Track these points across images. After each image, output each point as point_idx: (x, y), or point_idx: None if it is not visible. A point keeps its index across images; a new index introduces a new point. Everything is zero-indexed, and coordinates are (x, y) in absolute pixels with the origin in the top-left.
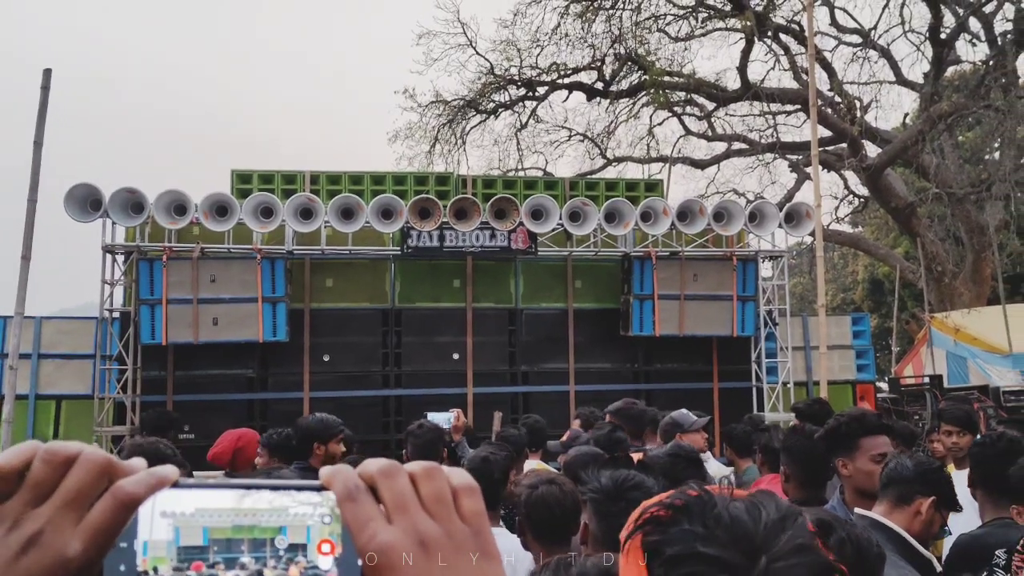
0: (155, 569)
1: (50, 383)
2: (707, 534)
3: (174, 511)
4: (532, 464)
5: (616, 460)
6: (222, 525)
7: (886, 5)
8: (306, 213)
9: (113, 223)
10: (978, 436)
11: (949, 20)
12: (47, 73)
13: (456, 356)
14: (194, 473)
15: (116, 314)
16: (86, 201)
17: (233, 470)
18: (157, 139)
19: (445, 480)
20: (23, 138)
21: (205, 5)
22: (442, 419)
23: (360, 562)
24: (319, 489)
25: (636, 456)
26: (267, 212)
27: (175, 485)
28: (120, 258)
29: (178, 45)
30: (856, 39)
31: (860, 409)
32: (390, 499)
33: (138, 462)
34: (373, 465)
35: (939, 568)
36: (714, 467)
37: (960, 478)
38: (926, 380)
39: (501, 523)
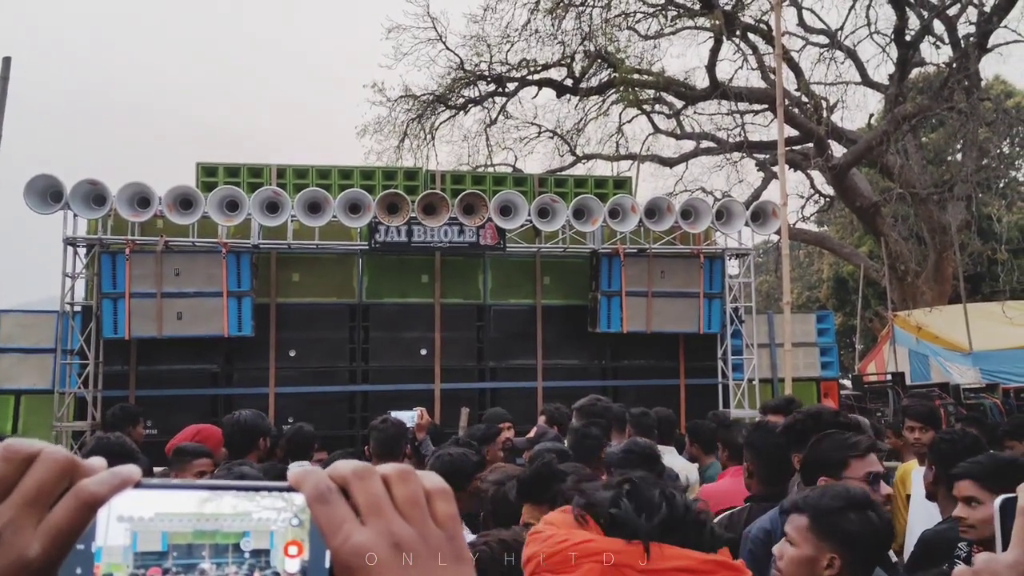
0: (109, 575)
1: (9, 377)
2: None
3: (132, 515)
4: None
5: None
6: (183, 530)
7: (852, 6)
8: (272, 207)
9: (75, 215)
10: (939, 433)
11: (914, 22)
12: (6, 62)
13: (424, 352)
14: (154, 469)
15: (78, 308)
16: (46, 193)
17: None
18: (119, 130)
19: (419, 483)
20: None
21: None
22: (406, 417)
23: (328, 564)
24: (287, 490)
25: None
26: (233, 205)
27: (137, 485)
28: (82, 251)
29: (141, 32)
30: (823, 40)
31: (818, 406)
32: (364, 501)
33: (99, 461)
34: (345, 467)
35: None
36: (679, 463)
37: (921, 474)
38: (889, 377)
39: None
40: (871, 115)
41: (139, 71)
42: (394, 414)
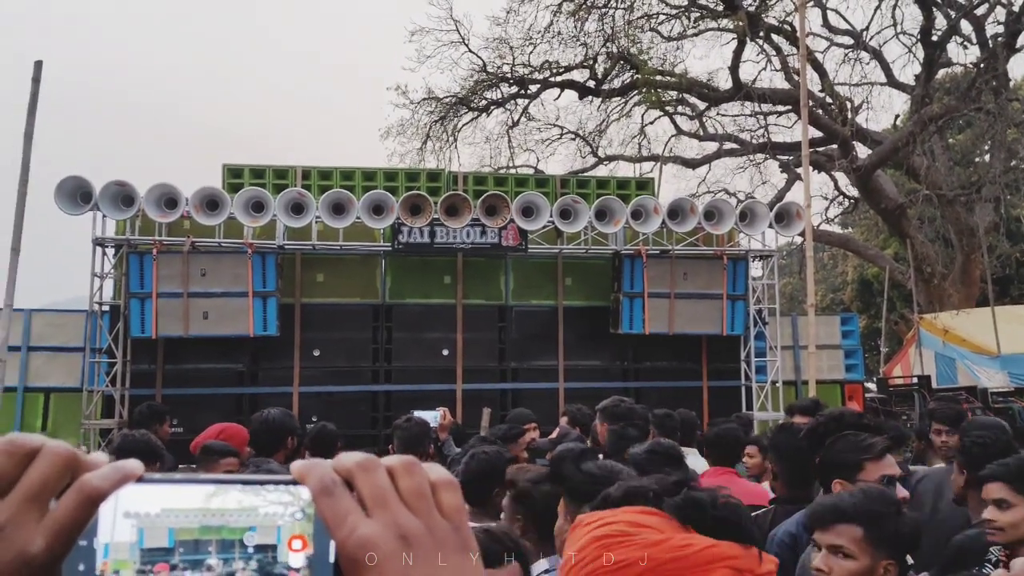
0: (116, 572)
1: (39, 376)
2: None
3: (138, 511)
4: None
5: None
6: (189, 525)
7: (878, 7)
8: (297, 208)
9: (103, 216)
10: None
11: (941, 22)
12: (38, 65)
13: (446, 352)
14: (179, 467)
15: (106, 307)
16: (76, 193)
17: None
18: (148, 131)
19: (424, 475)
20: (14, 129)
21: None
22: (429, 417)
23: (333, 558)
24: (291, 484)
25: None
26: (258, 207)
27: (140, 480)
28: (110, 251)
29: (169, 38)
30: (848, 40)
31: (840, 409)
32: (369, 493)
33: (101, 456)
34: (350, 459)
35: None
36: (701, 465)
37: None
38: (915, 380)
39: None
40: (897, 116)
41: (167, 74)
42: (417, 414)
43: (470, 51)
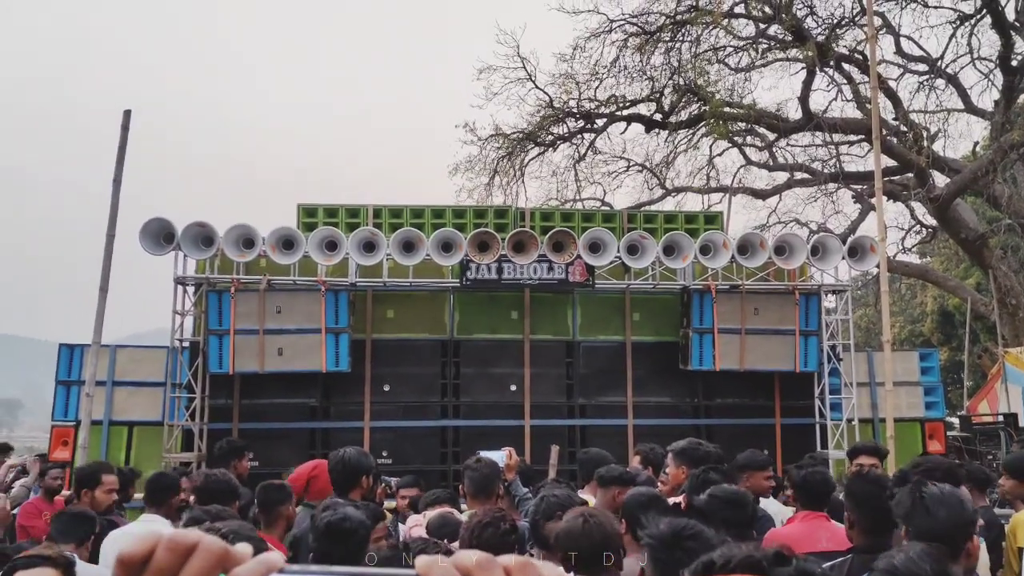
0: None
1: (123, 410)
2: None
3: None
4: (587, 496)
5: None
6: None
7: (953, 34)
8: (369, 246)
9: (184, 256)
10: None
11: (1021, 47)
12: (127, 114)
13: (513, 388)
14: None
15: (186, 343)
16: (159, 235)
17: (305, 498)
18: (225, 174)
19: (538, 574)
20: (104, 172)
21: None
22: (496, 457)
23: None
24: None
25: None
26: (331, 245)
27: (281, 571)
28: (191, 289)
29: (248, 85)
30: (922, 67)
31: (936, 459)
32: None
33: (247, 548)
34: (468, 558)
35: None
36: (773, 507)
37: None
38: (1000, 418)
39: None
40: (976, 143)
41: (244, 121)
42: (483, 454)
43: (537, 87)
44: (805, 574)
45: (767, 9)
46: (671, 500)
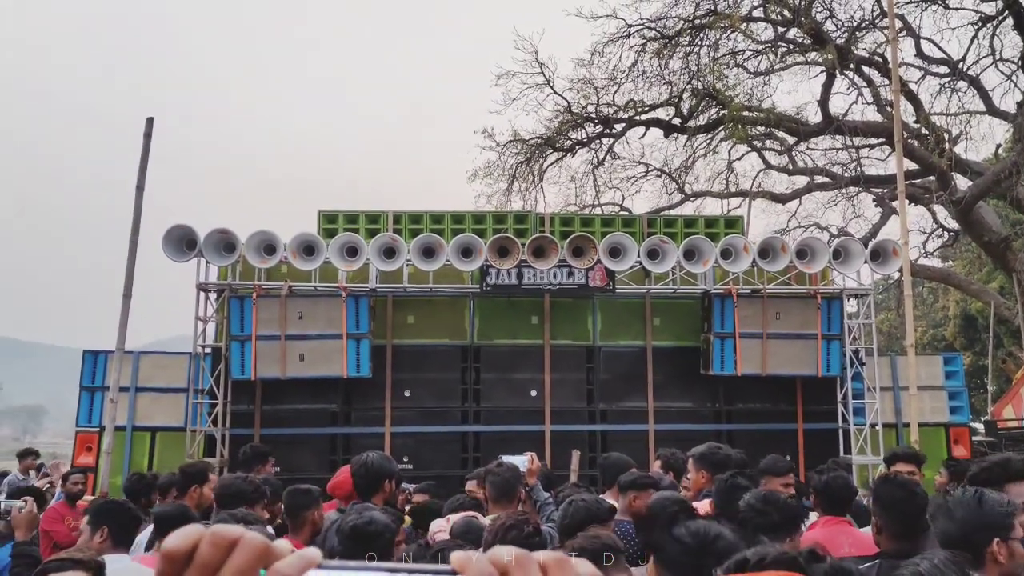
0: None
1: (146, 415)
2: None
3: None
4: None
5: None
6: None
7: (975, 36)
8: (389, 252)
9: (207, 262)
10: None
11: None
12: (149, 122)
13: (534, 393)
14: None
15: (208, 349)
16: (182, 241)
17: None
18: (245, 179)
19: (574, 571)
20: (127, 175)
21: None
22: (517, 462)
23: None
24: (453, 574)
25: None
26: (352, 251)
27: (320, 566)
28: (212, 296)
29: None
30: (944, 69)
31: (1005, 455)
32: None
33: (287, 544)
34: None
35: None
36: None
37: None
38: None
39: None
40: (998, 145)
41: (266, 129)
42: (504, 459)
43: (555, 92)
44: (841, 571)
45: (786, 13)
46: (695, 504)
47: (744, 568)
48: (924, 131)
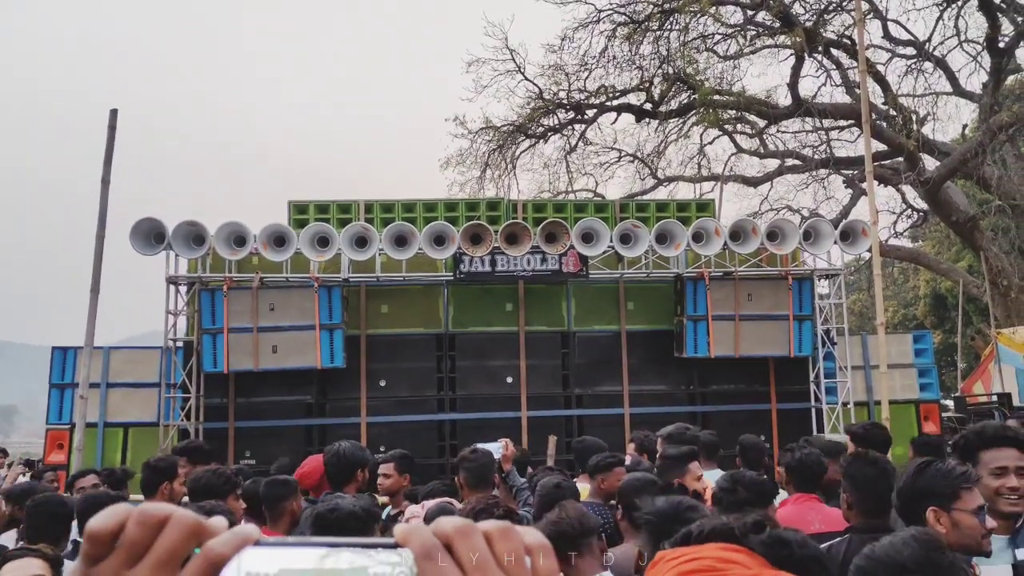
0: None
1: (118, 411)
2: None
3: (258, 572)
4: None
5: (669, 488)
6: None
7: (940, 16)
8: (361, 241)
9: (176, 255)
10: None
11: (1007, 28)
12: (113, 113)
13: (510, 380)
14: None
15: (180, 343)
16: (150, 235)
17: (312, 491)
18: (213, 171)
19: (520, 540)
20: (92, 168)
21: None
22: (492, 448)
23: None
24: (395, 547)
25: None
26: (323, 241)
27: (257, 543)
28: (183, 289)
29: (227, 77)
30: (910, 51)
31: (983, 423)
32: (467, 558)
33: (222, 522)
34: (448, 524)
35: None
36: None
37: None
38: (994, 398)
39: None
40: (964, 126)
41: (232, 117)
42: (479, 446)
43: (526, 79)
44: (780, 541)
45: None
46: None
47: (688, 541)
48: (892, 112)
